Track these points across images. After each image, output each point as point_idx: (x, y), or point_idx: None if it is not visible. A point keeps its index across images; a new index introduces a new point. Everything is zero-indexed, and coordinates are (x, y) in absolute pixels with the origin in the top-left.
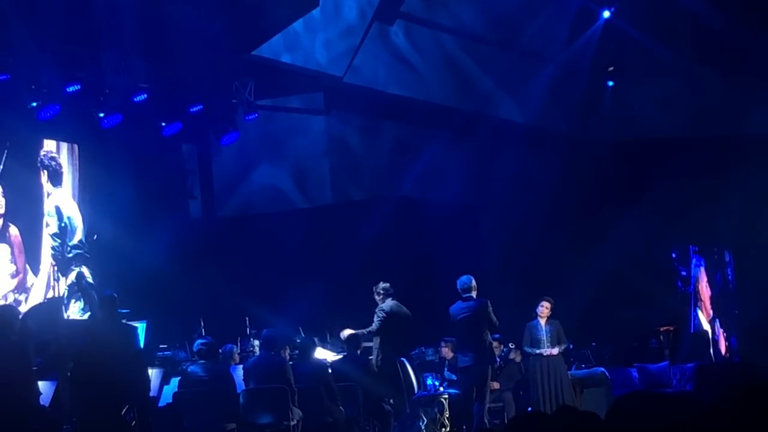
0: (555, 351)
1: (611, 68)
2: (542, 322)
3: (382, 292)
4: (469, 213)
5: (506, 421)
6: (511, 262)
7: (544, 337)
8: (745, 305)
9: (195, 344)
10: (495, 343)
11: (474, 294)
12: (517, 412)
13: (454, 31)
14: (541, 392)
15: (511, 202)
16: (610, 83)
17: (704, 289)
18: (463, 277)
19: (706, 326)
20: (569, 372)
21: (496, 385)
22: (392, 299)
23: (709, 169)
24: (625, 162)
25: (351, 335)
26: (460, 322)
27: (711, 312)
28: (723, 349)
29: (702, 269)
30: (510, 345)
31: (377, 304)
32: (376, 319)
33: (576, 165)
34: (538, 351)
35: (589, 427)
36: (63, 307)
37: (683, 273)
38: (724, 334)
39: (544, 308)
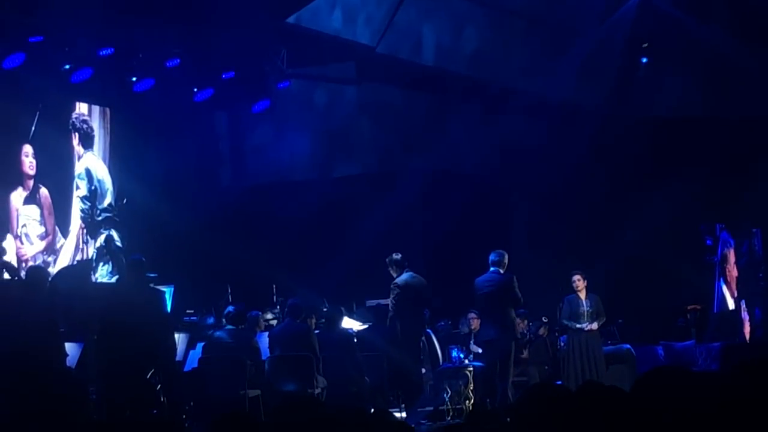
0: (594, 326)
1: (646, 44)
2: (581, 295)
3: (394, 264)
4: (498, 187)
5: None
6: (540, 237)
7: (585, 311)
8: None
9: (225, 309)
10: (518, 320)
11: (502, 270)
12: None
13: (488, 5)
14: (575, 367)
15: (541, 177)
16: (644, 60)
17: (731, 269)
18: (497, 251)
19: (730, 301)
20: None
21: (525, 355)
22: (406, 270)
23: (741, 149)
24: (656, 139)
25: (377, 306)
26: (483, 295)
27: (736, 291)
28: (747, 328)
29: (731, 250)
30: (543, 318)
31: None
32: (391, 295)
33: (607, 141)
34: (578, 326)
35: (613, 401)
36: (92, 270)
37: (708, 242)
38: (746, 310)
39: (578, 281)
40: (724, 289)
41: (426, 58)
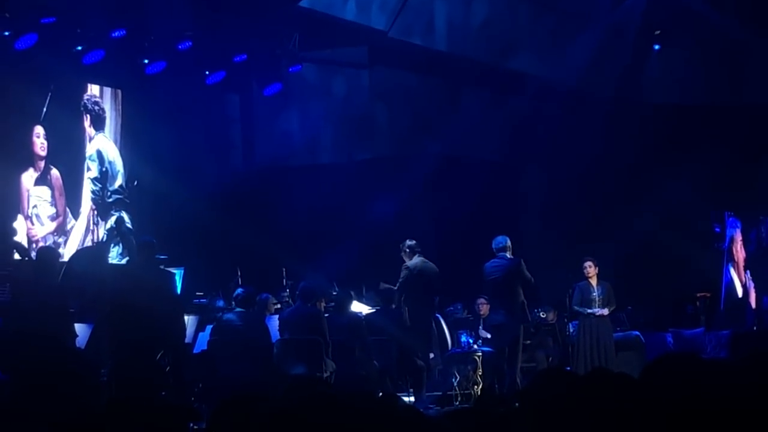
0: (605, 311)
1: (658, 31)
2: (593, 282)
3: (408, 249)
4: (509, 172)
5: None
6: (550, 222)
7: (596, 298)
8: None
9: (235, 292)
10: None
11: (508, 254)
12: None
13: None
14: (585, 353)
15: (552, 163)
16: (657, 47)
17: (739, 251)
18: (498, 237)
19: (738, 286)
20: None
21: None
22: (419, 256)
23: (753, 137)
24: (667, 126)
25: (386, 289)
26: (493, 280)
27: (744, 275)
28: (753, 303)
29: (737, 231)
30: (541, 313)
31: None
32: (400, 276)
33: (618, 128)
34: (589, 311)
35: (621, 388)
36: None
37: (717, 230)
38: (755, 295)
39: (589, 268)
40: (733, 275)
41: (438, 42)
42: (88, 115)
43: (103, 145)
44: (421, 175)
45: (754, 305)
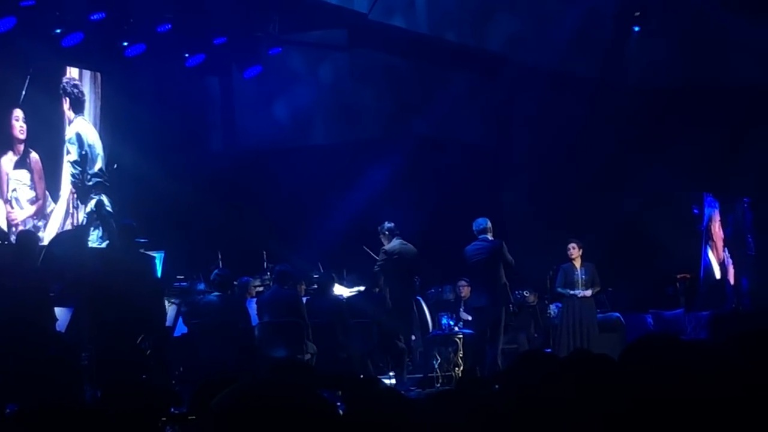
0: (588, 293)
1: (637, 13)
2: (576, 264)
3: (387, 232)
4: (491, 154)
5: None
6: (532, 205)
7: (579, 279)
8: (763, 251)
9: (211, 275)
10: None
11: (489, 236)
12: None
13: None
14: (568, 334)
15: (533, 146)
16: (636, 29)
17: (717, 230)
18: (479, 219)
19: (716, 267)
20: None
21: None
22: (398, 238)
23: (733, 119)
24: (648, 109)
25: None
26: (475, 263)
27: (722, 254)
28: (732, 282)
29: (716, 211)
30: (525, 293)
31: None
32: (379, 259)
33: (599, 111)
34: (572, 292)
35: (601, 369)
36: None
37: (695, 212)
38: (734, 275)
39: (573, 250)
40: (711, 257)
41: (419, 25)
42: (68, 98)
43: (82, 128)
44: (403, 157)
45: (733, 284)
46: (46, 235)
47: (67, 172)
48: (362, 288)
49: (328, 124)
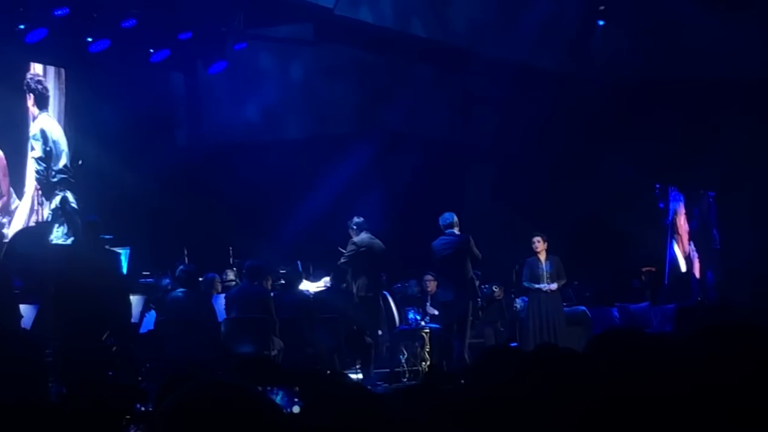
0: (554, 287)
1: (602, 7)
2: (541, 257)
3: (355, 227)
4: (455, 149)
5: None
6: (495, 199)
7: (544, 273)
8: (727, 245)
9: (177, 271)
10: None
11: (456, 230)
12: None
13: None
14: (534, 328)
15: (498, 140)
16: (601, 22)
17: (682, 224)
18: (445, 214)
19: (682, 261)
20: None
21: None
22: (366, 233)
23: (698, 111)
24: (613, 102)
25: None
26: (442, 258)
27: (687, 247)
28: (697, 275)
29: (681, 204)
30: (494, 288)
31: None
32: (347, 251)
33: (564, 104)
34: (537, 286)
35: (566, 363)
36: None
37: (661, 205)
38: (699, 268)
39: (538, 243)
40: (676, 250)
41: (384, 18)
42: (32, 95)
43: (46, 124)
44: (371, 151)
45: (698, 278)
46: (11, 232)
47: (31, 168)
48: (328, 282)
49: (296, 119)
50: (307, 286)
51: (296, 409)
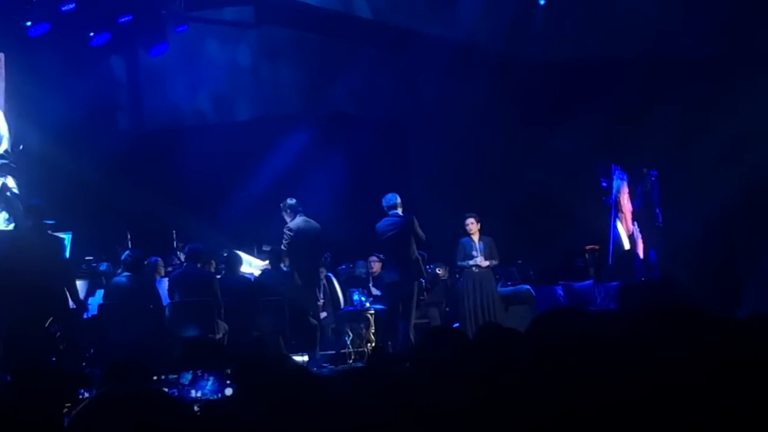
0: (485, 263)
1: None
2: (475, 238)
3: (288, 209)
4: (399, 129)
5: None
6: (439, 179)
7: (477, 253)
8: (670, 223)
9: (122, 255)
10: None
11: (399, 211)
12: None
13: None
14: (469, 307)
15: (442, 119)
16: (542, 2)
17: (625, 203)
18: (388, 195)
19: (625, 239)
20: None
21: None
22: (300, 215)
23: (638, 90)
24: (554, 81)
25: (271, 249)
26: (387, 239)
27: (631, 226)
28: (641, 254)
29: (624, 183)
30: (437, 269)
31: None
32: (283, 240)
33: (506, 84)
34: (470, 263)
35: (509, 343)
36: None
37: (604, 184)
38: (643, 247)
39: (471, 224)
40: (620, 228)
41: (324, 0)
42: None
43: None
44: (311, 133)
45: (642, 256)
46: None
47: None
48: (267, 264)
49: (242, 102)
50: (257, 264)
51: (228, 391)
